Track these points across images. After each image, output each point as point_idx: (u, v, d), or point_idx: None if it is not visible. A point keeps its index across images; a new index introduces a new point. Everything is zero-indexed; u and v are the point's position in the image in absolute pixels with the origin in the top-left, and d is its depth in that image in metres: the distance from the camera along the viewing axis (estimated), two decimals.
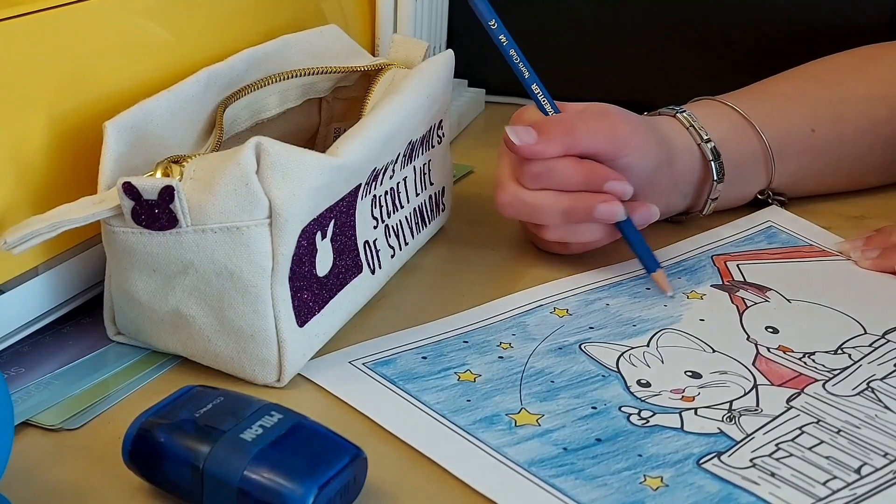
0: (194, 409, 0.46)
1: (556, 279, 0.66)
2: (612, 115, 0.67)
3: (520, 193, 0.65)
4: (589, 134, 0.65)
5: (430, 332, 0.60)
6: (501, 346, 0.59)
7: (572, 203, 0.64)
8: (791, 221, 0.75)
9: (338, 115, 0.73)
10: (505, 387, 0.55)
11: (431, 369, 0.56)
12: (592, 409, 0.53)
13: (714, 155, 0.72)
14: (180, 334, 0.55)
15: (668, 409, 0.54)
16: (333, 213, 0.56)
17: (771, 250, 0.71)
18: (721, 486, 0.48)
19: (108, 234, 0.53)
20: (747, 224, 0.75)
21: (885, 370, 0.58)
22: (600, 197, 0.64)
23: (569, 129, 0.65)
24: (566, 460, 0.49)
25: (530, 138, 0.64)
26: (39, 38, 0.54)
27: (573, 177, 0.64)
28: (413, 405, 0.53)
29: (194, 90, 0.59)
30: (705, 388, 0.55)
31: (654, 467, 0.49)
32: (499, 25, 0.66)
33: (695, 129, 0.72)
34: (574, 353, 0.58)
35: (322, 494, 0.43)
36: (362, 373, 0.56)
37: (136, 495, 0.47)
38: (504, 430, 0.51)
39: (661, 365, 0.58)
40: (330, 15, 0.77)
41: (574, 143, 0.64)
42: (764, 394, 0.55)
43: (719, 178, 0.72)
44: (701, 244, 0.72)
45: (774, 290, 0.66)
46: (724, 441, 0.51)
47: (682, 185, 0.72)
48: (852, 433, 0.52)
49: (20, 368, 0.55)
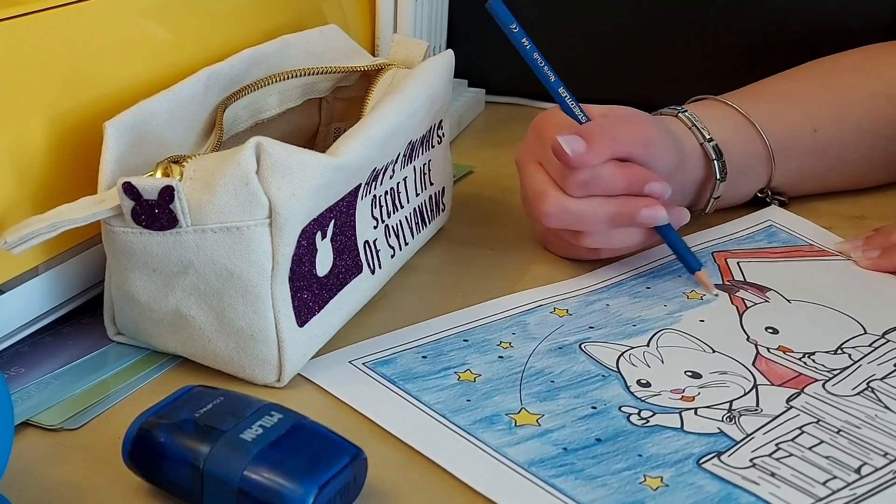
0: (194, 409, 0.46)
1: (557, 279, 0.66)
2: (640, 118, 0.68)
3: (566, 202, 0.64)
4: (627, 140, 0.65)
5: (429, 331, 0.60)
6: (501, 346, 0.59)
7: (618, 209, 0.64)
8: (791, 221, 0.75)
9: (338, 115, 0.73)
10: (505, 387, 0.55)
11: (431, 369, 0.56)
12: (592, 408, 0.53)
13: (717, 154, 0.72)
14: (180, 334, 0.55)
15: (668, 409, 0.54)
16: (333, 213, 0.56)
17: (771, 249, 0.72)
18: (721, 486, 0.48)
19: (108, 234, 0.53)
20: (748, 223, 0.75)
21: (884, 370, 0.58)
22: (644, 201, 0.64)
23: (613, 136, 0.65)
24: (566, 460, 0.49)
25: (581, 147, 0.63)
26: (39, 38, 0.54)
27: (618, 182, 0.64)
28: (413, 405, 0.53)
29: (194, 90, 0.59)
30: (705, 388, 0.55)
31: (653, 467, 0.49)
32: (520, 29, 0.65)
33: (697, 129, 0.72)
34: (574, 353, 0.58)
35: (322, 494, 0.43)
36: (362, 373, 0.56)
37: (136, 495, 0.47)
38: (504, 430, 0.51)
39: (661, 365, 0.58)
40: (330, 15, 0.77)
41: (617, 150, 0.64)
42: (764, 394, 0.55)
43: (722, 177, 0.72)
44: (702, 241, 0.72)
45: (774, 290, 0.66)
46: (724, 441, 0.51)
47: (688, 185, 0.72)
48: (852, 433, 0.52)
49: (20, 368, 0.55)
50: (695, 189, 0.73)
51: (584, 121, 0.66)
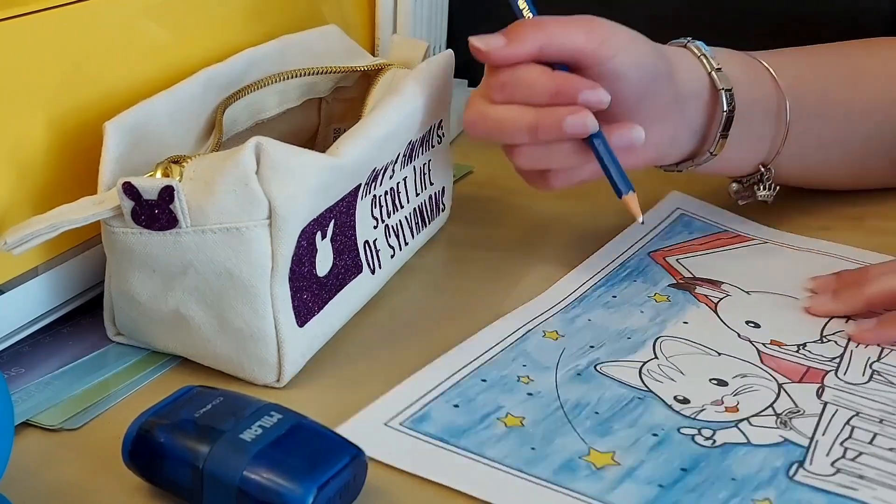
0: (194, 410, 0.46)
1: (558, 278, 0.66)
2: (596, 18, 0.60)
3: (484, 108, 0.59)
4: (564, 31, 0.58)
5: (439, 374, 0.55)
6: (522, 381, 0.55)
7: (538, 116, 0.58)
8: (696, 206, 0.75)
9: (338, 115, 0.73)
10: (557, 427, 0.52)
11: (472, 418, 0.52)
12: (654, 436, 0.51)
13: (725, 83, 0.65)
14: (180, 334, 0.55)
15: (724, 424, 0.52)
16: (333, 213, 0.56)
17: (696, 241, 0.71)
18: (828, 499, 0.47)
19: (108, 234, 0.53)
20: (660, 215, 0.74)
21: (874, 351, 0.59)
22: (570, 109, 0.57)
23: (541, 26, 0.58)
24: (671, 498, 0.47)
25: (499, 42, 0.58)
26: (39, 38, 0.54)
27: (543, 86, 0.58)
28: (483, 463, 0.49)
29: (194, 90, 0.59)
30: (740, 395, 0.55)
31: (753, 489, 0.48)
32: None
33: (706, 58, 0.66)
34: (596, 378, 0.56)
35: (322, 494, 0.43)
36: (408, 436, 0.51)
37: (136, 495, 0.47)
38: (589, 475, 0.48)
39: (682, 377, 0.56)
40: (330, 15, 0.77)
41: (548, 41, 0.58)
42: (794, 392, 0.55)
43: (730, 108, 0.65)
44: (630, 243, 0.70)
45: (727, 283, 0.66)
46: (794, 449, 0.51)
47: (688, 108, 0.64)
48: (893, 421, 0.53)
49: (20, 368, 0.55)
50: (699, 126, 0.66)
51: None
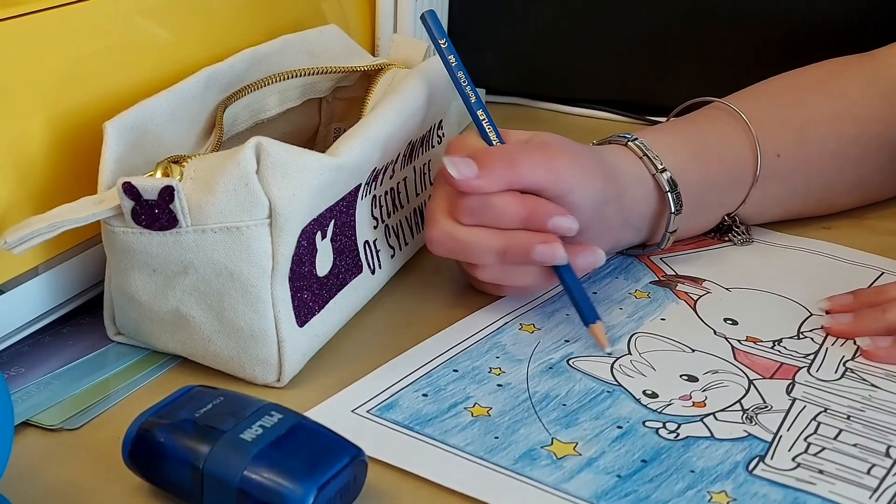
0: (194, 409, 0.46)
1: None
2: (553, 148, 0.61)
3: (452, 229, 0.59)
4: (532, 168, 0.59)
5: (410, 364, 0.56)
6: (493, 373, 0.56)
7: (509, 242, 0.58)
8: None
9: (338, 115, 0.73)
10: (523, 417, 0.53)
11: (439, 408, 0.53)
12: (619, 428, 0.52)
13: (671, 186, 0.65)
14: (180, 334, 0.55)
15: (689, 419, 0.53)
16: (333, 213, 0.56)
17: (682, 241, 0.71)
18: (785, 493, 0.48)
19: (108, 234, 0.53)
20: None
21: (850, 349, 0.59)
22: (540, 237, 0.58)
23: (511, 162, 0.59)
24: (627, 488, 0.48)
25: (470, 171, 0.58)
26: (39, 38, 0.54)
27: (513, 213, 0.58)
28: (443, 450, 0.50)
29: (194, 90, 0.59)
30: (709, 391, 0.55)
31: (711, 482, 0.48)
32: (449, 45, 0.62)
33: (648, 159, 0.65)
34: (567, 371, 0.57)
35: (322, 495, 0.43)
36: (372, 422, 0.52)
37: (136, 495, 0.47)
38: (549, 464, 0.49)
39: (654, 372, 0.57)
40: (330, 15, 0.77)
41: (516, 179, 0.58)
42: (763, 388, 0.56)
43: (677, 209, 0.66)
44: None
45: (709, 280, 0.66)
46: (757, 444, 0.51)
47: (633, 219, 0.66)
48: (861, 417, 0.53)
49: (20, 368, 0.55)
50: (646, 224, 0.67)
51: (495, 144, 0.62)
